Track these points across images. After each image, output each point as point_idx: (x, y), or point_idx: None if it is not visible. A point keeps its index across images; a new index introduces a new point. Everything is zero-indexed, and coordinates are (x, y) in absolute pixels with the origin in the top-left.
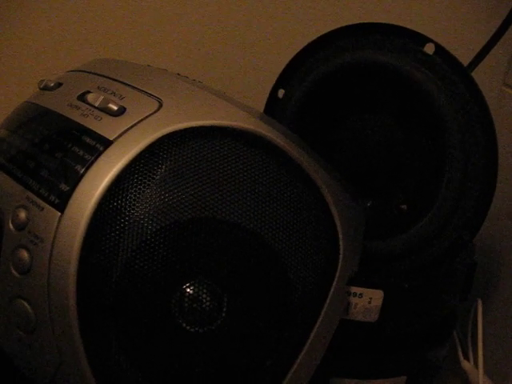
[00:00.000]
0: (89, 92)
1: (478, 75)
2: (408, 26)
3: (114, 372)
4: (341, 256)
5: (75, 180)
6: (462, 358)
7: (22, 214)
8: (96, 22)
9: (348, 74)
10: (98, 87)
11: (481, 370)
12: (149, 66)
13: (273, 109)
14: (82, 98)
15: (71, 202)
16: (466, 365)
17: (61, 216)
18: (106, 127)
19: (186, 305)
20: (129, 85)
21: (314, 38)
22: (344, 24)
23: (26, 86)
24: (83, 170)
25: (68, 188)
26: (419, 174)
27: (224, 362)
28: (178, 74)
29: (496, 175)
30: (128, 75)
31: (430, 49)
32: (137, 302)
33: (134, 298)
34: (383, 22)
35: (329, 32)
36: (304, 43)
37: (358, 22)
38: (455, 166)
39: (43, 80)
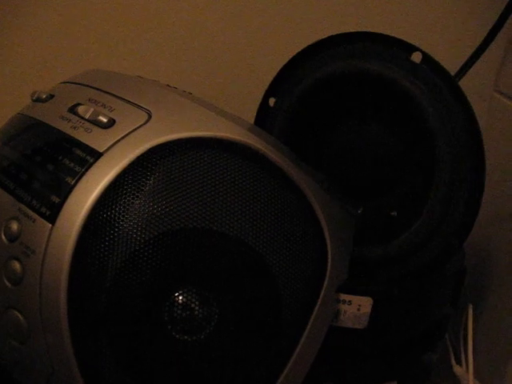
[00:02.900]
0: (79, 104)
1: (468, 81)
2: (395, 35)
3: (105, 380)
4: (329, 264)
5: (66, 192)
6: (454, 362)
7: (14, 226)
8: (88, 33)
9: (337, 82)
10: (89, 99)
11: (471, 375)
12: (139, 76)
13: (264, 117)
14: (72, 110)
15: (62, 213)
16: (458, 369)
17: (52, 227)
18: (96, 139)
19: (176, 314)
20: (119, 97)
21: (304, 46)
22: (333, 33)
23: (19, 98)
24: (74, 181)
25: (59, 200)
26: (409, 180)
27: (213, 370)
28: (168, 85)
29: (484, 181)
30: (118, 87)
31: (417, 57)
32: (127, 312)
33: (124, 307)
34: (371, 30)
35: (318, 41)
36: (294, 52)
37: (347, 31)
38: (443, 173)
39: (36, 92)
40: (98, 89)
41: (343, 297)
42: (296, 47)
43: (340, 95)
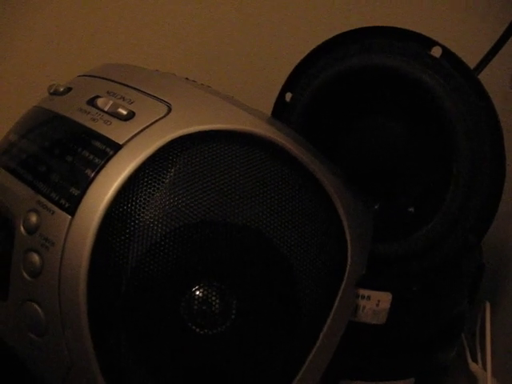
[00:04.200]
0: (98, 97)
1: (484, 77)
2: (415, 29)
3: (123, 374)
4: (349, 259)
5: (85, 184)
6: (470, 360)
7: (33, 218)
8: (104, 27)
9: (355, 77)
10: (108, 92)
11: (489, 372)
12: (157, 70)
13: (280, 112)
14: (91, 102)
15: (81, 205)
16: (474, 367)
17: (71, 219)
18: (115, 131)
19: (195, 307)
20: (138, 89)
21: (321, 41)
22: (351, 28)
23: (34, 91)
24: (93, 173)
25: (78, 192)
26: (427, 176)
27: (232, 364)
28: (187, 79)
29: (503, 178)
30: (137, 80)
31: (437, 52)
32: (146, 305)
33: (143, 300)
34: (390, 25)
35: (336, 36)
36: (311, 47)
37: (365, 25)
38: (462, 169)
39: (53, 85)
40: (116, 82)
41: (362, 292)
42: (313, 42)
43: (357, 90)
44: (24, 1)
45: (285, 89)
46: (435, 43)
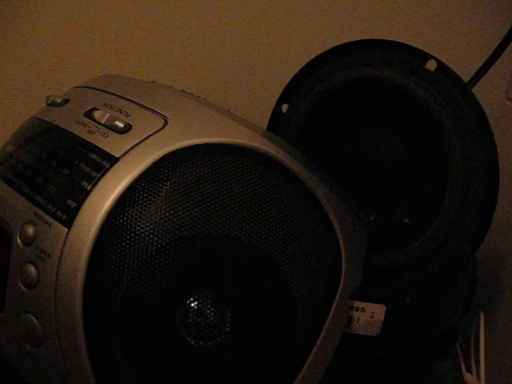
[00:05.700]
0: (95, 109)
1: (480, 89)
2: (410, 43)
3: None
4: (343, 271)
5: (82, 196)
6: (464, 370)
7: (30, 230)
8: (101, 38)
9: (350, 89)
10: (105, 104)
11: (483, 383)
12: (154, 82)
13: (277, 123)
14: (88, 114)
15: (78, 218)
16: (469, 377)
17: (68, 232)
18: (112, 144)
19: (191, 319)
20: (135, 102)
21: (318, 53)
22: (346, 40)
23: (31, 101)
24: (90, 186)
25: (75, 204)
26: (421, 188)
27: (227, 376)
28: (183, 91)
29: (497, 190)
30: (134, 92)
31: (431, 65)
32: (142, 317)
33: (139, 312)
34: (385, 38)
35: (332, 48)
36: (307, 59)
37: (361, 38)
38: (457, 181)
39: (50, 96)
40: (113, 94)
41: (356, 304)
42: (309, 54)
43: (353, 102)
44: (21, 11)
45: (281, 100)
46: (430, 57)
